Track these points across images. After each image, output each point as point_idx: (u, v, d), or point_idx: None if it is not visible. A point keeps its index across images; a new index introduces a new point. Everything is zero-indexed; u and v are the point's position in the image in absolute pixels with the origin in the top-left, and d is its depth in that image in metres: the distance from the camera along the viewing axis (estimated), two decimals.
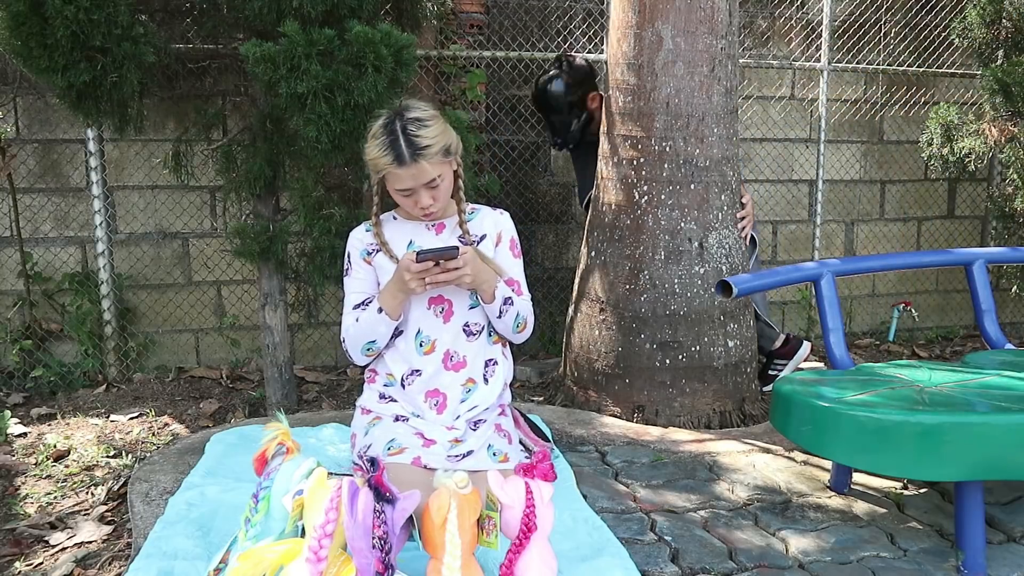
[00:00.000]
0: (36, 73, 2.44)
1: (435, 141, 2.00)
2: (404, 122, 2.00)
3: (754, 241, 3.12)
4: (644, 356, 2.77)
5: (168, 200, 3.55)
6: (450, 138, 2.06)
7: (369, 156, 2.03)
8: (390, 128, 2.00)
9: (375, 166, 2.03)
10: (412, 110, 2.03)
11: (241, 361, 3.64)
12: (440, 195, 2.07)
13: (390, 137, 1.99)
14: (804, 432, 1.91)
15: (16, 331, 3.42)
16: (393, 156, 1.98)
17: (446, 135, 2.05)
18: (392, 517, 1.45)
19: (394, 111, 2.05)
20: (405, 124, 1.99)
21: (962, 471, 1.77)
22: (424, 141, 1.99)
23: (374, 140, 2.02)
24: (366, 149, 2.04)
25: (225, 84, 3.06)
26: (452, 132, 2.09)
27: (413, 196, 2.04)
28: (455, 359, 2.13)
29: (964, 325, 4.66)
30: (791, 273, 2.32)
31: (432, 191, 2.04)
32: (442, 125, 2.05)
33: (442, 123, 2.06)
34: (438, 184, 2.04)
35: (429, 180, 2.02)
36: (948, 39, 4.22)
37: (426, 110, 2.05)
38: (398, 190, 2.04)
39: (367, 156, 2.04)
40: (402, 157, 1.98)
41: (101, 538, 2.07)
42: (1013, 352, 2.38)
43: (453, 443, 2.02)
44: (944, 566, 1.87)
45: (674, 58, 2.70)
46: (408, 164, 1.98)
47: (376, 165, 2.02)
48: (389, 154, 1.98)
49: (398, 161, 1.98)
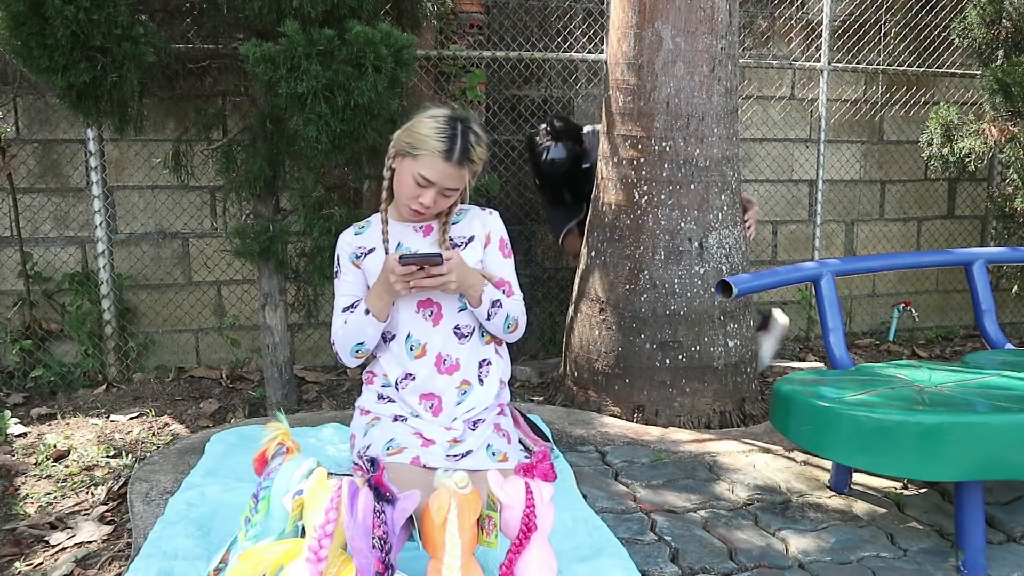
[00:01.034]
0: (36, 73, 2.44)
1: (480, 159, 2.07)
2: (468, 127, 2.03)
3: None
4: (644, 356, 2.77)
5: (168, 200, 3.56)
6: (481, 165, 2.11)
7: (421, 130, 2.01)
8: (453, 124, 2.02)
9: (419, 143, 2.00)
10: (474, 123, 2.07)
11: (241, 361, 3.64)
12: (444, 204, 2.09)
13: (452, 131, 2.01)
14: (804, 432, 1.91)
15: (16, 331, 3.42)
16: (447, 147, 2.00)
17: (483, 161, 2.10)
18: (392, 517, 1.45)
19: (459, 114, 2.07)
20: (467, 130, 2.03)
21: (962, 471, 1.77)
22: (475, 155, 2.04)
23: (434, 123, 2.02)
24: (418, 123, 2.03)
25: (225, 84, 3.06)
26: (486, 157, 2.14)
27: (425, 190, 2.04)
28: (448, 362, 2.12)
29: (964, 325, 4.66)
30: (791, 273, 2.32)
31: (444, 197, 2.06)
32: (486, 151, 2.11)
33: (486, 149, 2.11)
34: (452, 195, 2.07)
35: (453, 187, 2.04)
36: (948, 39, 4.22)
37: (481, 130, 2.09)
38: (421, 175, 2.01)
39: (417, 129, 2.02)
40: (453, 153, 2.00)
41: (101, 538, 2.07)
42: (1013, 352, 2.38)
43: (452, 443, 2.02)
44: (944, 566, 1.87)
45: (674, 58, 2.70)
46: (453, 163, 2.00)
47: (423, 143, 2.00)
48: (445, 143, 2.00)
49: (448, 154, 2.00)
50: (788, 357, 3.85)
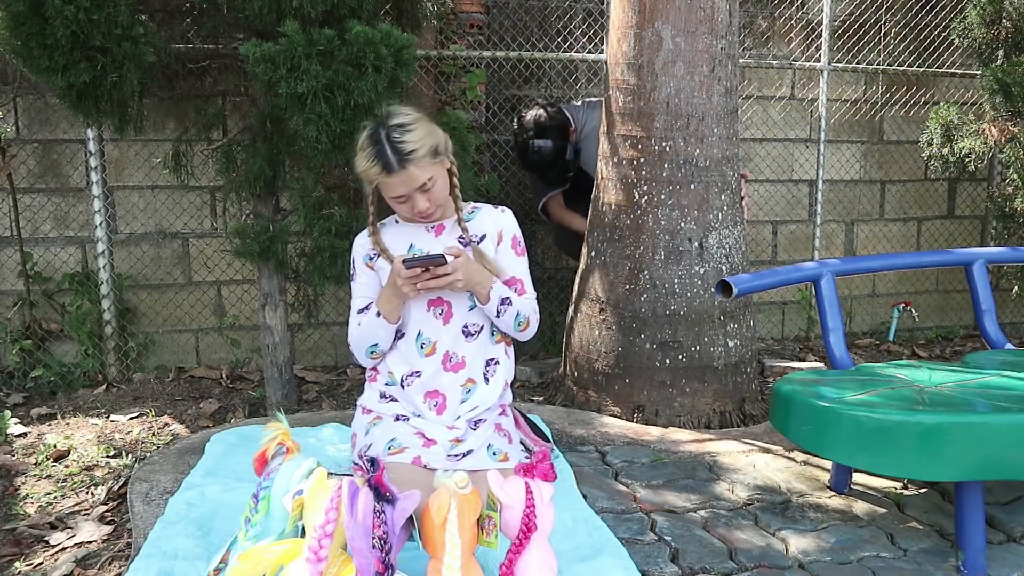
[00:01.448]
0: (36, 73, 2.44)
1: (420, 144, 1.99)
2: (388, 130, 1.99)
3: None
4: (644, 356, 2.77)
5: (168, 200, 3.55)
6: (437, 139, 2.05)
7: (359, 168, 2.04)
8: (375, 138, 1.99)
9: (366, 177, 2.04)
10: (394, 116, 2.02)
11: (241, 361, 3.64)
12: (435, 196, 2.07)
13: (376, 147, 1.98)
14: (804, 432, 1.91)
15: (16, 331, 3.42)
16: (381, 165, 1.98)
17: (432, 136, 2.04)
18: (392, 517, 1.45)
19: (377, 120, 2.04)
20: (389, 132, 1.99)
21: (962, 471, 1.76)
22: (409, 146, 1.98)
23: (362, 152, 2.02)
24: (356, 162, 2.05)
25: (225, 84, 3.06)
26: (439, 132, 2.08)
27: (408, 202, 2.05)
28: (454, 360, 2.13)
29: (964, 325, 4.66)
30: (791, 273, 2.32)
31: (426, 194, 2.04)
32: (427, 127, 2.04)
33: (427, 125, 2.05)
34: (431, 187, 2.04)
35: (420, 184, 2.02)
36: (948, 39, 4.22)
37: (408, 114, 2.04)
38: (392, 198, 2.05)
39: (357, 169, 2.05)
40: (390, 165, 1.98)
41: (101, 538, 2.07)
42: (1013, 352, 2.37)
43: (453, 443, 2.02)
44: (944, 566, 1.87)
45: (674, 58, 2.70)
46: (397, 171, 1.98)
47: (367, 176, 2.03)
48: (377, 164, 1.98)
49: (387, 170, 1.98)
50: (788, 357, 3.85)
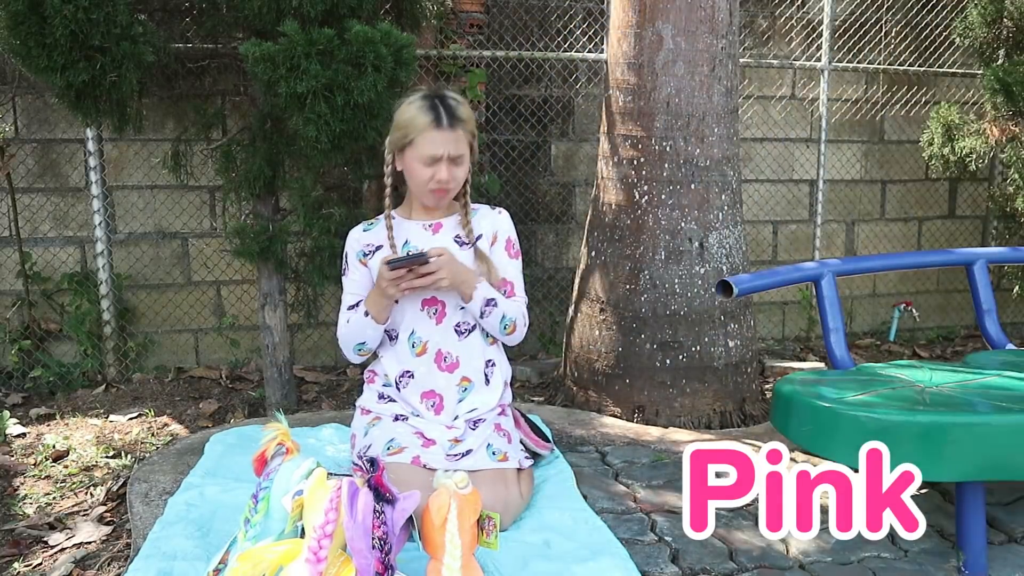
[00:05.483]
0: (35, 72, 2.44)
1: (469, 118, 2.08)
2: (443, 94, 2.07)
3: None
4: (644, 356, 2.77)
5: (167, 200, 3.55)
6: (474, 127, 2.12)
7: (405, 116, 2.04)
8: (429, 96, 2.06)
9: (410, 126, 2.03)
10: (447, 91, 2.11)
11: (241, 361, 3.64)
12: (458, 176, 2.08)
13: (431, 102, 2.04)
14: (805, 432, 1.90)
15: (15, 331, 3.41)
16: (433, 116, 2.02)
17: (473, 121, 2.11)
18: (392, 517, 1.45)
19: (430, 89, 2.11)
20: (444, 96, 2.06)
21: (963, 471, 1.76)
22: (462, 113, 2.06)
23: (410, 105, 2.05)
24: (399, 114, 2.07)
25: (224, 84, 3.05)
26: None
27: (436, 166, 2.04)
28: (448, 360, 2.12)
29: (965, 325, 4.66)
30: (791, 273, 2.32)
31: (455, 167, 2.06)
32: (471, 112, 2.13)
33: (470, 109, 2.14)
34: (461, 163, 2.06)
35: (457, 153, 2.04)
36: (949, 38, 4.21)
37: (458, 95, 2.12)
38: (427, 155, 2.03)
39: (401, 118, 2.05)
40: (441, 119, 2.02)
41: (100, 539, 2.06)
42: (1014, 352, 2.37)
43: (452, 442, 2.01)
44: (945, 566, 1.87)
45: (674, 57, 2.70)
46: (445, 128, 2.01)
47: (413, 124, 2.02)
48: (430, 114, 2.02)
49: (437, 122, 2.01)
50: (788, 357, 3.85)
